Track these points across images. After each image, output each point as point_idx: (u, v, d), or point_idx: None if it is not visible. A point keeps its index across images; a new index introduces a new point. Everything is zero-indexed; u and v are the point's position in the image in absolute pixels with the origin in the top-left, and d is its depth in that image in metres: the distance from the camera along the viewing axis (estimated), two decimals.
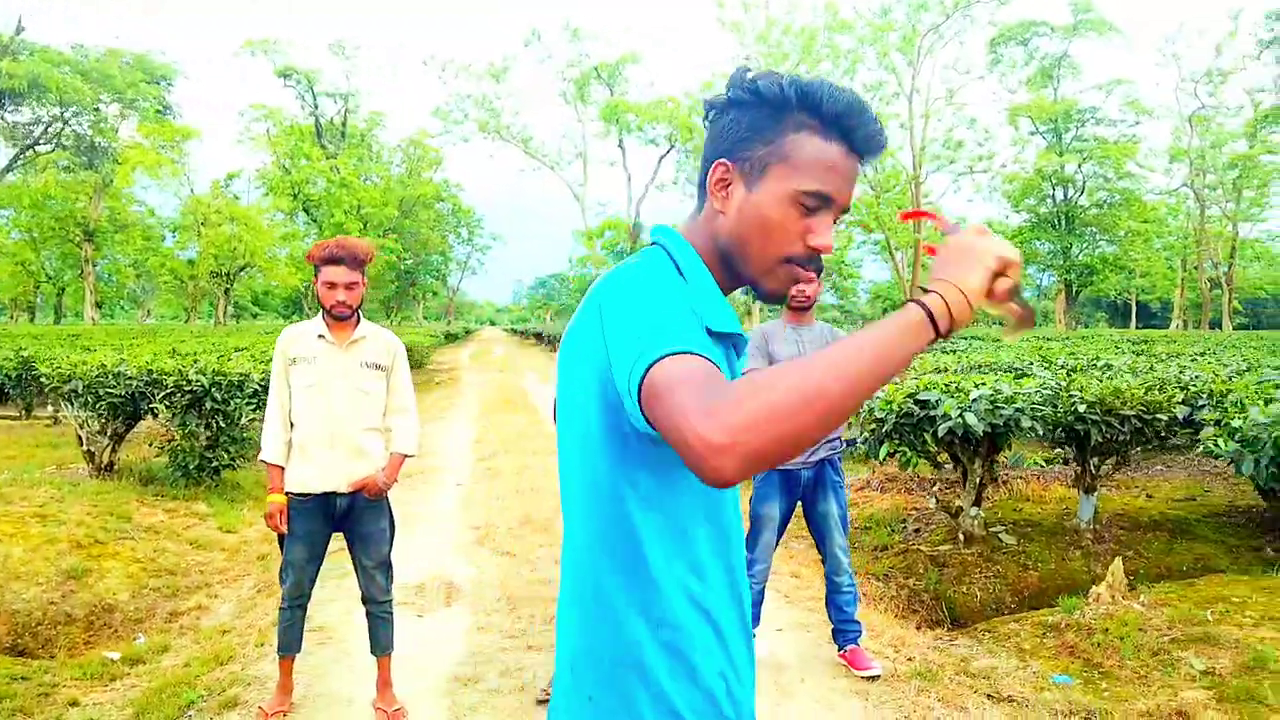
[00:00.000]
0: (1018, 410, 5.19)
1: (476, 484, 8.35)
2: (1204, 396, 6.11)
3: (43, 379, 7.87)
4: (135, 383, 6.87)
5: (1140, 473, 7.83)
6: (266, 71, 30.33)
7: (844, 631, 4.16)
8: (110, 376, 6.89)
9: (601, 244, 44.61)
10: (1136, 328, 71.75)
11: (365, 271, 3.33)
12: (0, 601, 4.71)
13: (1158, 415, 5.58)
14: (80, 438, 7.18)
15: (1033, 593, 5.49)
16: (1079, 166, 35.81)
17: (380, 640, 3.50)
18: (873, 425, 5.64)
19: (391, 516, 3.53)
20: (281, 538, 3.36)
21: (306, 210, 30.01)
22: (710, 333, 1.20)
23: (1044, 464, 6.17)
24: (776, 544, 4.18)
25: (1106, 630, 4.35)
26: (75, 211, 40.40)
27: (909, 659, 4.24)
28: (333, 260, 3.23)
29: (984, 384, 5.43)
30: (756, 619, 4.09)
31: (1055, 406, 5.45)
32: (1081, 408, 5.40)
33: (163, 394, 6.87)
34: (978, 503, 5.80)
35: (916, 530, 6.36)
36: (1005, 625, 4.75)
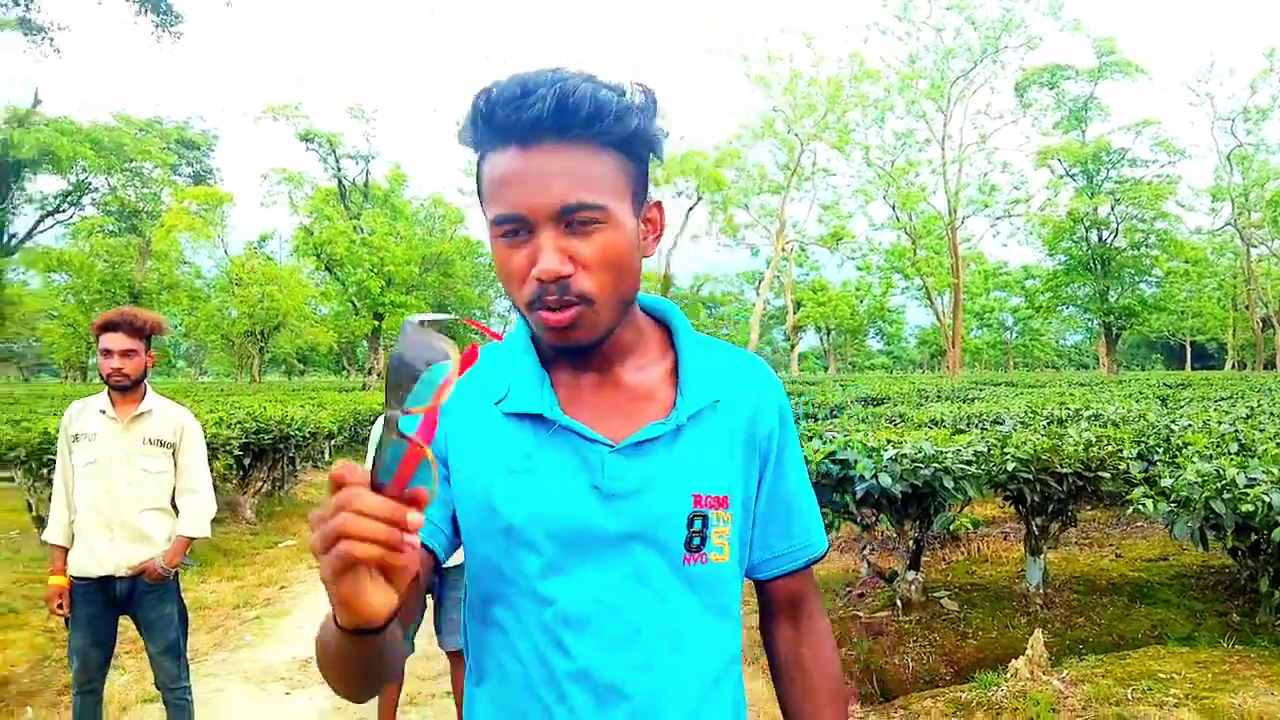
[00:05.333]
0: (940, 470, 4.91)
1: None
2: (1160, 450, 5.75)
3: None
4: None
5: (1118, 529, 7.42)
6: (289, 135, 31.16)
7: None
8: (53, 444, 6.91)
9: None
10: (1192, 369, 69.86)
11: (149, 342, 3.17)
12: None
13: (1099, 472, 5.26)
14: (29, 503, 7.19)
15: (969, 663, 5.12)
16: (1112, 208, 35.07)
17: None
18: None
19: (181, 602, 3.35)
20: (67, 621, 3.21)
21: (329, 269, 30.55)
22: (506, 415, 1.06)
23: (971, 527, 5.83)
24: None
25: (1016, 710, 4.03)
26: (122, 274, 41.66)
27: None
28: (109, 327, 3.07)
29: (904, 442, 5.15)
30: None
31: (986, 465, 5.15)
32: (1012, 466, 5.10)
33: None
34: (914, 566, 5.49)
35: (861, 595, 6.05)
36: (920, 702, 4.43)
